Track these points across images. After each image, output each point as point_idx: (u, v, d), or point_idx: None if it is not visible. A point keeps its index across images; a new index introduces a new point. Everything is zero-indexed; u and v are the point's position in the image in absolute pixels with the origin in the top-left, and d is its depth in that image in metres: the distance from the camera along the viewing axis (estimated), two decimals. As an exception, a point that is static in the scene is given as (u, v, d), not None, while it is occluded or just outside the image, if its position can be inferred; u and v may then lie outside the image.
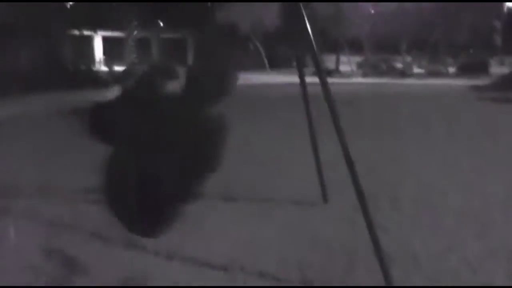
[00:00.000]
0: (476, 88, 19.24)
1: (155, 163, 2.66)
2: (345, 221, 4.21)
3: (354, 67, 33.90)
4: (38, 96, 14.36)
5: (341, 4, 28.74)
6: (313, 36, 3.28)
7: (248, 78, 24.13)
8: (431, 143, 7.83)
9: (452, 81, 25.11)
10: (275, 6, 29.04)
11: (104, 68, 22.74)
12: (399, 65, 32.94)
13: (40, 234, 4.00)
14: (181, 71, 3.05)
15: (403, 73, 30.16)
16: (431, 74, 30.60)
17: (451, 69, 32.37)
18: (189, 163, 2.70)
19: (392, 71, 30.68)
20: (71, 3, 25.12)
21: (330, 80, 3.43)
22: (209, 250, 3.67)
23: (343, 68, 32.23)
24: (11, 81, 14.80)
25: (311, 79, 4.39)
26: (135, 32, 33.44)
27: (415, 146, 7.60)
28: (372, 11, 30.25)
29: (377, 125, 9.79)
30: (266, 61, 33.51)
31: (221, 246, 3.74)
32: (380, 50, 34.78)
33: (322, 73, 3.28)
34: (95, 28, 27.91)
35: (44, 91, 14.86)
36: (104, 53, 32.55)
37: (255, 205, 4.73)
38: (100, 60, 28.27)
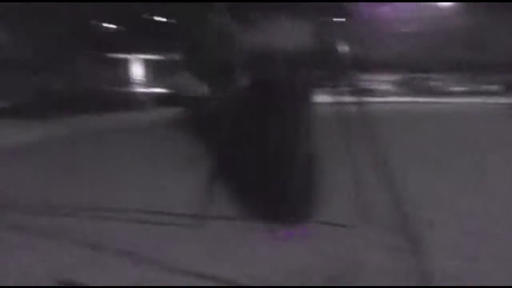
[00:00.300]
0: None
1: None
2: (385, 244, 4.08)
3: (389, 86, 33.35)
4: (79, 117, 14.74)
5: (373, 23, 28.52)
6: (347, 56, 3.26)
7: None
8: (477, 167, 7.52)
9: (495, 99, 24.28)
10: (306, 27, 29.32)
11: (141, 90, 23.24)
12: (437, 83, 32.23)
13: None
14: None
15: (441, 92, 29.47)
16: (472, 92, 29.74)
17: (495, 87, 31.37)
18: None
19: (429, 90, 30.01)
20: (114, 27, 26.02)
21: (364, 99, 3.37)
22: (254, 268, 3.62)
23: (377, 87, 31.83)
24: (54, 103, 15.31)
25: (345, 99, 4.33)
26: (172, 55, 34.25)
27: (458, 171, 7.34)
28: (407, 30, 29.84)
29: (418, 147, 9.52)
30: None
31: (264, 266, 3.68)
32: (416, 68, 34.16)
33: (359, 92, 3.23)
34: (133, 51, 28.70)
35: (83, 113, 15.25)
36: (142, 75, 33.38)
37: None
38: (137, 82, 28.96)
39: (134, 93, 21.73)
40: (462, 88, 32.13)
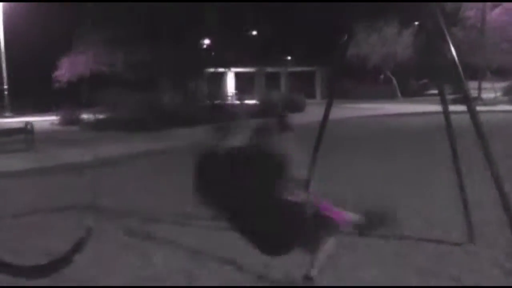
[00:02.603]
0: None
1: None
2: (494, 265, 3.68)
3: (498, 94, 30.91)
4: (184, 129, 15.39)
5: (484, 29, 26.73)
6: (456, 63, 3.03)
7: (383, 108, 23.56)
8: None
9: None
10: (407, 38, 28.37)
11: (236, 102, 23.90)
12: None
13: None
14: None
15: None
16: None
17: None
18: None
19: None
20: (207, 42, 27.25)
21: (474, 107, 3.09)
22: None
23: (486, 95, 29.57)
24: (162, 117, 16.25)
25: (451, 108, 4.02)
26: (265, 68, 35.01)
27: None
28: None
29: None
30: (398, 91, 32.52)
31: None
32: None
33: (470, 101, 2.97)
34: (228, 65, 29.75)
35: (186, 125, 15.93)
36: (236, 88, 34.43)
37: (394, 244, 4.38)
38: (232, 94, 29.94)
39: (230, 105, 22.39)
40: None
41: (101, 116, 17.76)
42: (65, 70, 23.89)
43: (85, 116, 18.88)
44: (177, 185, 7.12)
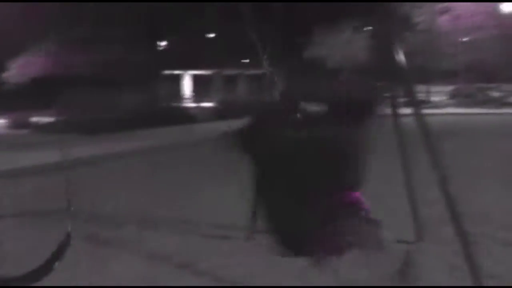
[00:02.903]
0: None
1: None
2: (443, 262, 3.88)
3: (446, 97, 32.30)
4: (141, 131, 15.15)
5: (431, 33, 27.82)
6: (405, 67, 3.17)
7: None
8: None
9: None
10: (364, 40, 29.06)
11: (193, 105, 23.79)
12: (496, 94, 30.76)
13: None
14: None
15: (501, 102, 28.06)
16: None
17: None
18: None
19: (488, 101, 28.69)
20: (163, 43, 26.95)
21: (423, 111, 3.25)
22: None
23: (434, 98, 30.82)
24: (116, 120, 15.92)
25: (401, 111, 4.20)
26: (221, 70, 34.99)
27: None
28: (465, 39, 28.79)
29: (480, 161, 9.07)
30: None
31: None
32: (474, 79, 32.84)
33: (417, 104, 3.11)
34: (185, 67, 29.56)
35: (142, 128, 15.72)
36: (193, 90, 34.22)
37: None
38: (189, 97, 29.74)
39: (187, 107, 22.24)
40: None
41: (54, 119, 17.22)
42: (17, 71, 22.94)
43: (37, 118, 18.25)
44: (135, 189, 7.05)
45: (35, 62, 22.46)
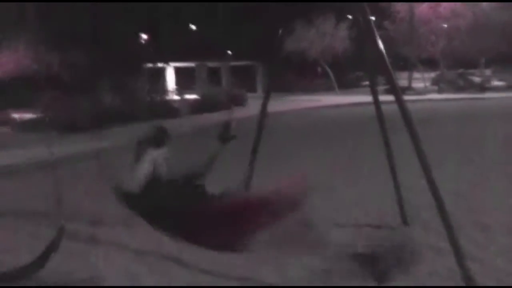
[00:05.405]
0: None
1: None
2: (427, 246, 3.93)
3: (428, 83, 32.63)
4: (124, 127, 14.93)
5: (413, 21, 28.00)
6: (386, 54, 3.18)
7: (320, 100, 24.21)
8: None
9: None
10: (344, 31, 29.15)
11: (176, 98, 23.53)
12: (477, 79, 31.17)
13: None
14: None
15: (481, 87, 28.46)
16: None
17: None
18: None
19: (469, 86, 29.07)
20: (145, 37, 26.62)
21: (404, 97, 3.27)
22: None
23: (416, 84, 31.13)
24: (99, 115, 15.64)
25: (383, 98, 4.23)
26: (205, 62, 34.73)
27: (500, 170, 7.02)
28: (445, 26, 29.03)
29: (459, 147, 9.19)
30: (335, 83, 33.25)
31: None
32: (455, 65, 33.23)
33: (398, 92, 3.13)
34: (167, 60, 29.27)
35: (125, 123, 15.50)
36: (176, 83, 33.89)
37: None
38: (172, 90, 29.40)
39: (170, 100, 22.01)
40: (503, 83, 31.03)
41: (35, 116, 16.90)
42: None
43: (17, 115, 17.92)
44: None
45: (12, 59, 22.01)
